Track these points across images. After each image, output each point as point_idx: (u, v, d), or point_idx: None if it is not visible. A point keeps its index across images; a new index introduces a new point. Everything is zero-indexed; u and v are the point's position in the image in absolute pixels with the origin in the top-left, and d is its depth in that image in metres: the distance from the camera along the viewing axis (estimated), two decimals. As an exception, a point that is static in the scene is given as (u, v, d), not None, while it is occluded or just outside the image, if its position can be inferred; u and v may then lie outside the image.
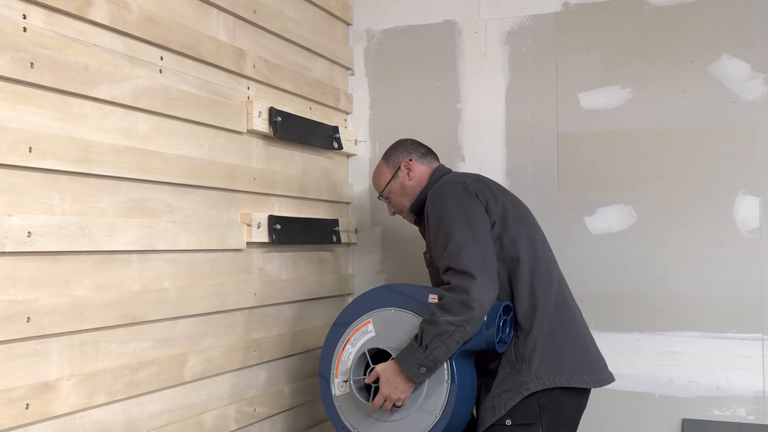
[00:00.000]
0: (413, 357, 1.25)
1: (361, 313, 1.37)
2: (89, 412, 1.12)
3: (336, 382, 1.37)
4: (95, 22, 1.15)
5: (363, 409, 1.34)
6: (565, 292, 1.38)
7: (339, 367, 1.37)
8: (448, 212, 1.29)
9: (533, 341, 1.30)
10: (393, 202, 1.47)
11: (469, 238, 1.26)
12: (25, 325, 1.01)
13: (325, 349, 1.41)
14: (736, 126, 1.64)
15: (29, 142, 1.02)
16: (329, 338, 1.40)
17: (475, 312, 1.22)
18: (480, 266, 1.24)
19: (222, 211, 1.43)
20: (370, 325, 1.35)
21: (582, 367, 1.32)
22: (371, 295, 1.39)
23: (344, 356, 1.37)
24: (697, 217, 1.66)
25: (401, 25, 1.90)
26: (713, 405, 1.63)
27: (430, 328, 1.24)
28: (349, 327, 1.37)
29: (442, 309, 1.24)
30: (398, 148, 1.48)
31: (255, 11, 1.54)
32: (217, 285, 1.40)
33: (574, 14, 1.76)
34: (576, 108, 1.76)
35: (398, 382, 1.27)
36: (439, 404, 1.29)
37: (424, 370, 1.25)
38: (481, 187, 1.34)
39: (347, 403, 1.36)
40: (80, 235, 1.10)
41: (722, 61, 1.65)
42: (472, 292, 1.22)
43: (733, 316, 1.63)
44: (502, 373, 1.30)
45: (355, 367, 1.35)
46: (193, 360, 1.33)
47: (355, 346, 1.36)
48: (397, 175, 1.44)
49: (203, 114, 1.37)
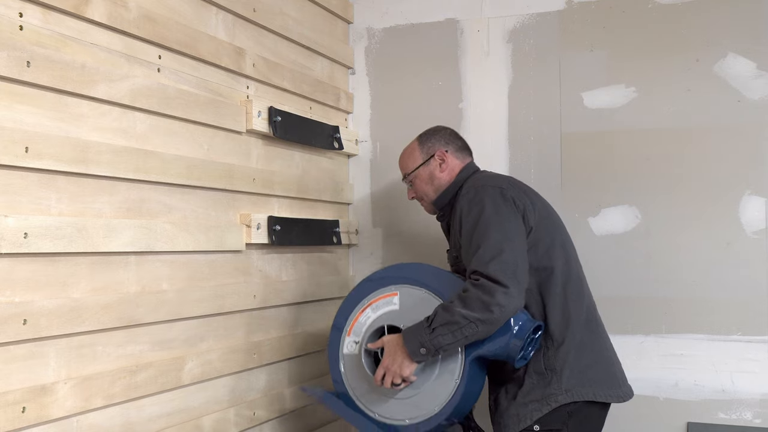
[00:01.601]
0: (418, 335, 1.24)
1: (393, 282, 1.34)
2: (86, 416, 1.11)
3: (347, 340, 1.35)
4: (93, 21, 1.14)
5: (366, 378, 1.33)
6: (593, 302, 1.37)
7: (354, 327, 1.35)
8: (484, 217, 1.26)
9: (565, 353, 1.28)
10: (417, 187, 1.44)
11: (502, 245, 1.23)
12: (21, 328, 1.00)
13: (347, 303, 1.38)
14: (741, 126, 1.63)
15: (26, 142, 1.01)
16: (356, 293, 1.37)
17: (493, 315, 1.20)
18: (510, 275, 1.21)
19: (221, 211, 1.42)
20: (396, 298, 1.33)
21: (607, 381, 1.31)
22: (410, 267, 1.35)
23: (362, 318, 1.35)
24: (702, 218, 1.64)
25: (402, 23, 1.89)
26: (719, 408, 1.62)
27: (443, 314, 1.23)
28: (377, 291, 1.34)
29: (462, 301, 1.22)
30: (436, 135, 1.44)
31: (255, 9, 1.53)
32: (216, 287, 1.39)
33: (577, 12, 1.75)
34: (580, 107, 1.74)
35: (398, 356, 1.26)
36: (440, 400, 1.28)
37: (424, 351, 1.24)
38: (518, 193, 1.31)
39: (351, 365, 1.36)
40: (77, 236, 1.09)
41: (728, 59, 1.63)
42: (496, 296, 1.20)
43: (738, 318, 1.61)
44: (530, 383, 1.28)
45: (371, 335, 1.33)
46: (191, 363, 1.32)
47: (375, 312, 1.34)
48: (429, 162, 1.40)
49: (202, 113, 1.36)
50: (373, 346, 1.32)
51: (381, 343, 1.30)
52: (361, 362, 1.34)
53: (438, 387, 1.28)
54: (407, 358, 1.26)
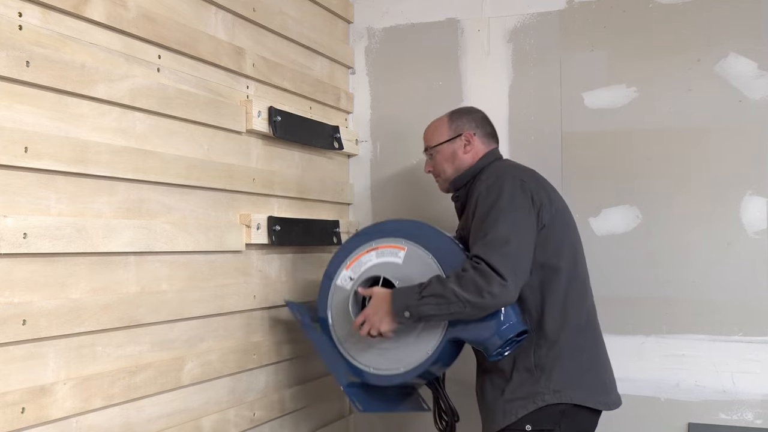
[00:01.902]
0: (407, 298, 1.25)
1: (406, 237, 1.33)
2: (86, 417, 1.11)
3: (344, 273, 1.36)
4: (92, 20, 1.13)
5: (348, 319, 1.35)
6: (594, 307, 1.36)
7: (354, 264, 1.36)
8: (499, 205, 1.25)
9: (557, 354, 1.27)
10: (436, 162, 1.43)
11: (510, 236, 1.23)
12: (20, 328, 1.00)
13: (353, 241, 1.39)
14: (743, 126, 1.62)
15: (25, 142, 1.01)
16: (365, 234, 1.38)
17: (484, 301, 1.20)
18: (510, 269, 1.21)
19: (221, 212, 1.42)
20: (403, 253, 1.33)
21: (598, 388, 1.30)
22: (427, 230, 1.34)
23: (365, 258, 1.35)
24: (703, 218, 1.64)
25: (403, 23, 1.88)
26: (720, 409, 1.61)
27: (436, 286, 1.23)
28: (388, 239, 1.34)
29: (458, 279, 1.22)
30: (467, 116, 1.42)
31: (254, 9, 1.52)
32: (216, 287, 1.39)
33: (578, 12, 1.74)
34: (580, 107, 1.74)
35: (382, 311, 1.27)
36: (406, 363, 1.31)
37: (407, 315, 1.25)
38: (537, 188, 1.31)
39: (338, 298, 1.38)
40: (77, 236, 1.08)
41: (729, 59, 1.63)
42: (492, 284, 1.20)
43: (740, 318, 1.61)
44: (518, 378, 1.28)
45: (365, 281, 1.35)
46: (191, 363, 1.31)
47: (379, 258, 1.34)
48: (454, 140, 1.39)
49: (202, 113, 1.35)
50: (363, 292, 1.32)
51: (371, 292, 1.31)
52: (347, 300, 1.34)
53: (410, 351, 1.30)
54: (390, 316, 1.27)
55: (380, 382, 1.36)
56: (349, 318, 1.35)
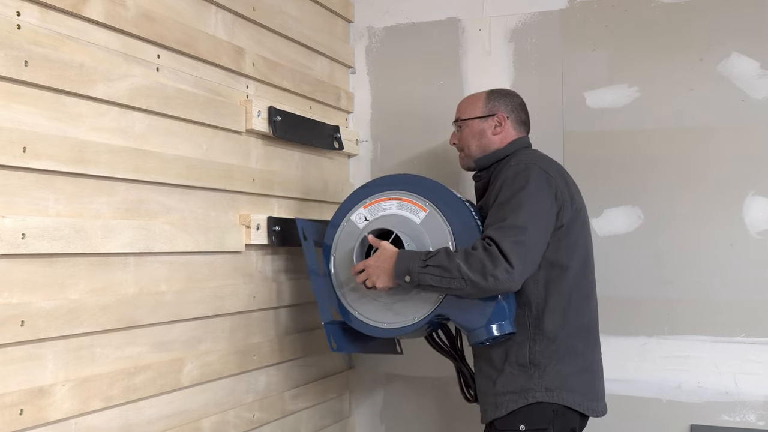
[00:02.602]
0: (410, 262, 1.25)
1: (433, 201, 1.32)
2: (84, 418, 1.10)
3: (360, 211, 1.36)
4: (91, 20, 1.13)
5: (349, 258, 1.35)
6: (596, 312, 1.35)
7: (374, 206, 1.35)
8: (523, 193, 1.24)
9: (553, 352, 1.27)
10: (463, 136, 1.41)
11: (527, 226, 1.21)
12: (19, 329, 1.00)
13: (371, 187, 1.39)
14: (745, 125, 1.61)
15: (23, 142, 1.01)
16: (395, 180, 1.37)
17: (486, 283, 1.19)
18: (521, 258, 1.20)
19: (220, 212, 1.41)
20: (423, 215, 1.32)
21: (588, 393, 1.30)
22: (453, 201, 1.32)
23: (386, 204, 1.35)
24: (705, 218, 1.63)
25: (403, 22, 1.88)
26: (722, 411, 1.60)
27: (442, 257, 1.22)
28: (415, 196, 1.34)
29: (465, 256, 1.21)
30: (506, 98, 1.40)
31: (254, 8, 1.52)
32: (215, 288, 1.38)
33: (580, 11, 1.74)
34: (582, 107, 1.73)
35: (383, 266, 1.27)
36: (390, 322, 1.32)
37: (408, 279, 1.24)
38: (561, 185, 1.29)
39: (347, 235, 1.37)
40: (75, 237, 1.08)
41: (732, 59, 1.62)
42: (498, 268, 1.19)
43: (742, 319, 1.60)
44: (510, 373, 1.27)
45: (377, 230, 1.34)
46: (190, 364, 1.31)
47: (399, 210, 1.34)
48: (486, 119, 1.37)
49: (201, 113, 1.35)
50: (373, 242, 1.31)
51: (379, 244, 1.30)
52: (355, 241, 1.34)
53: (398, 312, 1.31)
54: (390, 275, 1.26)
55: (362, 329, 1.36)
56: (351, 258, 1.34)
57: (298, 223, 1.47)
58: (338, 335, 1.39)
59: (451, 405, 1.77)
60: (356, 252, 1.34)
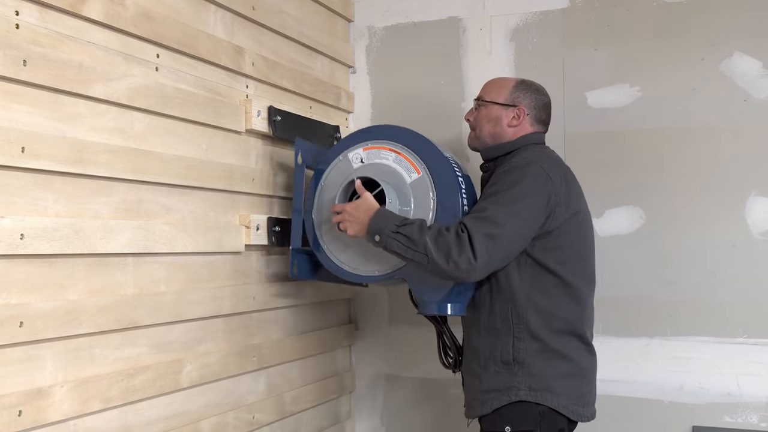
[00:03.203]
0: (384, 223, 1.26)
1: (429, 166, 1.33)
2: (84, 419, 1.10)
3: (359, 151, 1.38)
4: (90, 19, 1.13)
5: (332, 195, 1.37)
6: (591, 319, 1.33)
7: (373, 151, 1.37)
8: (513, 189, 1.24)
9: (538, 352, 1.25)
10: (479, 116, 1.39)
11: (505, 223, 1.21)
12: (17, 330, 0.99)
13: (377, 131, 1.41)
14: (748, 125, 1.61)
15: (22, 142, 1.00)
16: (396, 132, 1.38)
17: (446, 267, 1.20)
18: (488, 254, 1.19)
19: (220, 213, 1.41)
20: (416, 176, 1.34)
21: (576, 398, 1.27)
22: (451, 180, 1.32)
23: (384, 153, 1.36)
24: (707, 218, 1.62)
25: (404, 21, 1.87)
26: (724, 412, 1.60)
27: (414, 229, 1.24)
28: (413, 155, 1.34)
29: (436, 234, 1.22)
30: (532, 94, 1.36)
31: (254, 8, 1.51)
32: (215, 289, 1.38)
33: (581, 10, 1.73)
34: (583, 107, 1.72)
35: (359, 218, 1.29)
36: (353, 267, 1.37)
37: (378, 238, 1.26)
38: (560, 188, 1.27)
39: (339, 171, 1.40)
40: (74, 237, 1.07)
41: (734, 58, 1.61)
42: (462, 257, 1.19)
43: (744, 320, 1.59)
44: (494, 370, 1.27)
45: (366, 178, 1.35)
46: (190, 366, 1.30)
47: (394, 164, 1.35)
48: (507, 108, 1.35)
49: (200, 113, 1.34)
50: (359, 190, 1.33)
51: (362, 193, 1.32)
52: (343, 180, 1.36)
53: (365, 260, 1.35)
54: (363, 226, 1.29)
55: (328, 266, 1.40)
56: (334, 195, 1.37)
57: (297, 142, 1.48)
58: (302, 263, 1.45)
59: (451, 407, 1.76)
60: (341, 191, 1.36)
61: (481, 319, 1.30)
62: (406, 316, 1.84)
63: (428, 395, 1.83)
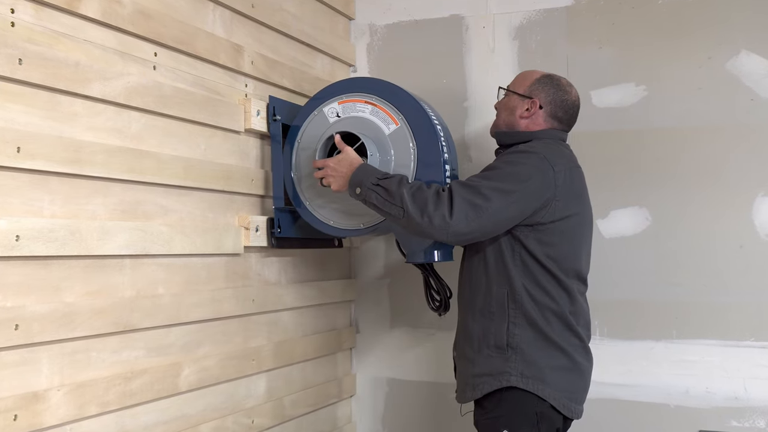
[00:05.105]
0: (365, 177, 1.28)
1: (408, 117, 1.33)
2: (80, 424, 1.09)
3: (334, 105, 1.37)
4: (86, 17, 1.12)
5: (312, 152, 1.38)
6: (584, 318, 1.32)
7: (347, 104, 1.36)
8: (509, 170, 1.24)
9: (532, 339, 1.24)
10: (501, 104, 1.39)
11: (491, 197, 1.20)
12: (13, 333, 0.98)
13: (343, 84, 1.41)
14: (755, 125, 1.59)
15: (17, 142, 0.99)
16: (372, 84, 1.38)
17: (420, 221, 1.21)
18: (464, 215, 1.19)
19: (218, 214, 1.39)
20: (394, 128, 1.34)
21: (568, 393, 1.26)
22: (432, 134, 1.32)
23: (360, 106, 1.35)
24: (714, 219, 1.60)
25: (405, 19, 1.85)
26: (731, 416, 1.58)
27: (393, 183, 1.24)
28: (390, 107, 1.34)
29: (416, 190, 1.23)
30: (551, 89, 1.34)
31: (253, 5, 1.50)
32: (214, 291, 1.36)
33: (585, 8, 1.71)
34: (588, 106, 1.70)
35: (341, 173, 1.31)
36: (335, 220, 1.39)
37: (358, 191, 1.28)
38: (562, 185, 1.25)
39: (315, 128, 1.39)
40: (70, 238, 1.06)
41: (741, 57, 1.59)
42: (437, 213, 1.20)
43: (752, 323, 1.57)
44: (487, 354, 1.26)
45: (345, 133, 1.35)
46: (188, 369, 1.29)
47: (370, 116, 1.35)
48: (523, 98, 1.34)
49: (199, 112, 1.33)
50: (339, 145, 1.33)
51: (344, 149, 1.33)
52: (321, 137, 1.36)
53: (349, 213, 1.37)
54: (345, 181, 1.30)
55: (311, 221, 1.42)
56: (313, 152, 1.36)
57: (270, 100, 1.48)
58: (284, 221, 1.46)
59: (452, 410, 1.74)
60: (320, 147, 1.36)
61: (476, 301, 1.29)
62: (407, 318, 1.82)
63: (430, 399, 1.81)
